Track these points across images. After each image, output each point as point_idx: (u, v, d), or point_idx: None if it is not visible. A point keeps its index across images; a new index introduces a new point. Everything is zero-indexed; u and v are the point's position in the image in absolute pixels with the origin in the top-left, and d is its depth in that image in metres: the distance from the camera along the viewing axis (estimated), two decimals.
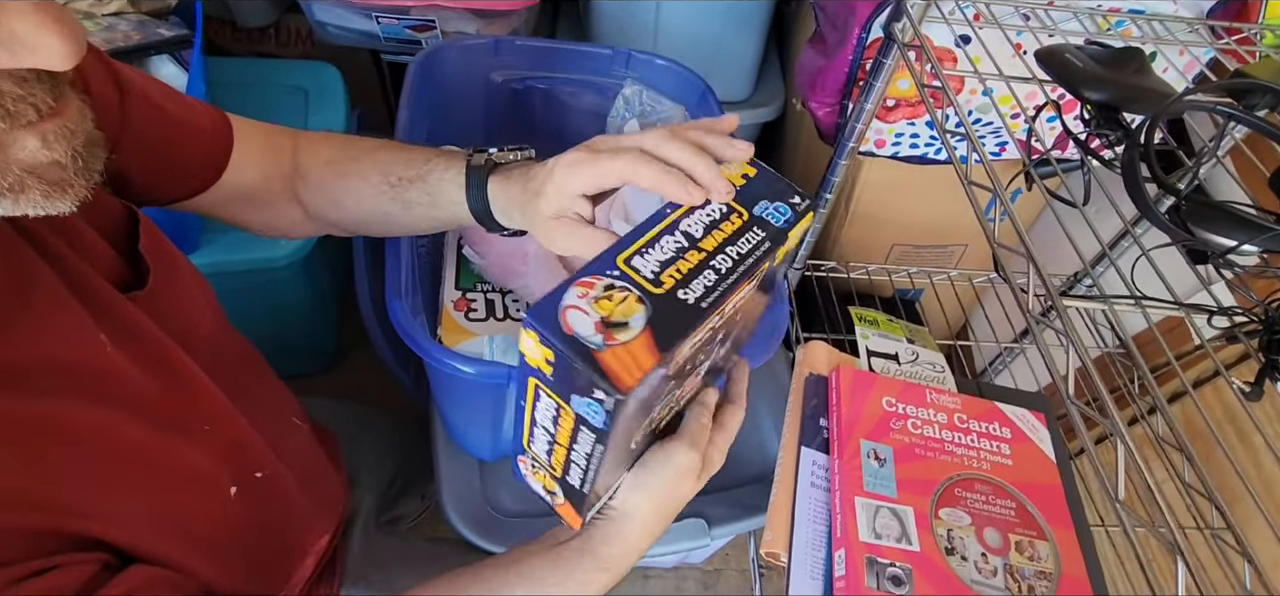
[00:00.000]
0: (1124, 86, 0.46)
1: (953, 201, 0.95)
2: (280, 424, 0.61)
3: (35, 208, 0.31)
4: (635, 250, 0.36)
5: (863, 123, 0.69)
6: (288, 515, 0.55)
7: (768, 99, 1.23)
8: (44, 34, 0.26)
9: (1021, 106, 0.53)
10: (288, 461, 0.55)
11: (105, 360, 0.39)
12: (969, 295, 1.06)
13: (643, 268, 0.35)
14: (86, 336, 0.38)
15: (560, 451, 0.38)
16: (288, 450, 0.57)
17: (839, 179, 0.76)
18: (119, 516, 0.37)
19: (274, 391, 0.63)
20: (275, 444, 0.54)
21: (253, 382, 0.59)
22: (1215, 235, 0.36)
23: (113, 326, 0.40)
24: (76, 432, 0.36)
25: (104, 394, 0.38)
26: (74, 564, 0.34)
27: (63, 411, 0.36)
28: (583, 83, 0.89)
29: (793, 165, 1.21)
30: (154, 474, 0.40)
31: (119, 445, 0.38)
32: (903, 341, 0.78)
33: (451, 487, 0.76)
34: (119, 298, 0.41)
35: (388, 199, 0.52)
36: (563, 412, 0.35)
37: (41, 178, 0.30)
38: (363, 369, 1.31)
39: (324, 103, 1.04)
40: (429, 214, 0.52)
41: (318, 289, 1.10)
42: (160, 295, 0.44)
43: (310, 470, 0.62)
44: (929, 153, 0.85)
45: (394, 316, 0.54)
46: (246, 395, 0.53)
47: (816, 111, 0.83)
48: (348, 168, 0.54)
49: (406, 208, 0.52)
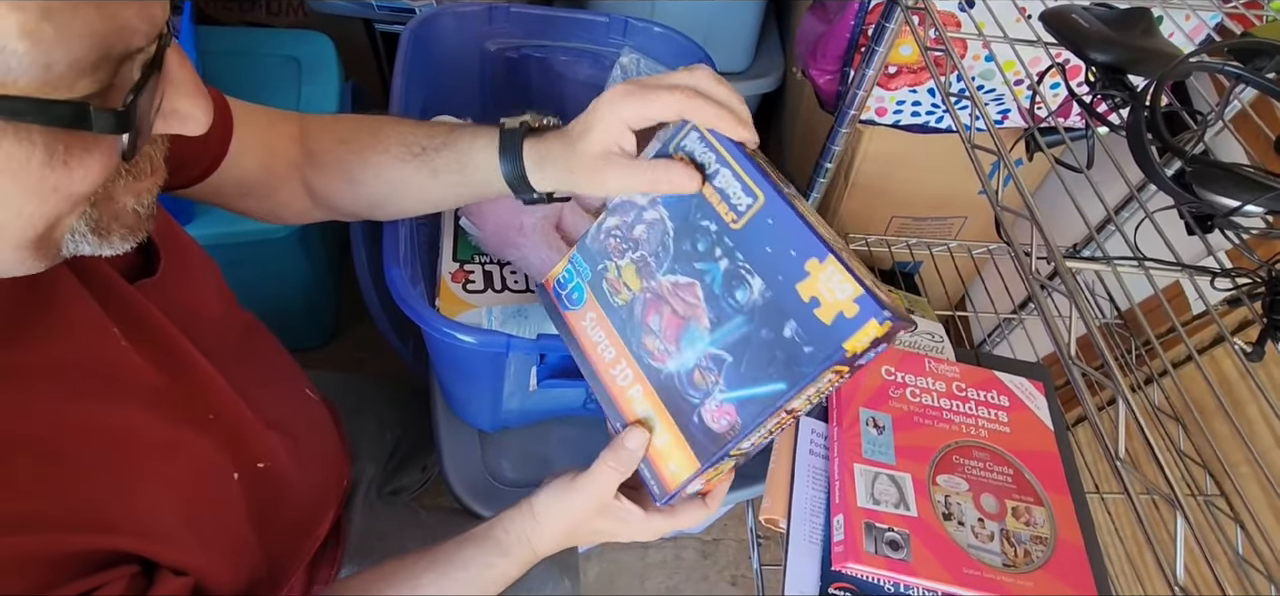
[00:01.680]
0: (1131, 48, 0.45)
1: (953, 173, 0.95)
2: (289, 399, 0.61)
3: (110, 250, 0.33)
4: None
5: (864, 89, 0.69)
6: (291, 498, 0.55)
7: (767, 69, 1.21)
8: (197, 109, 0.32)
9: (1026, 71, 0.52)
10: (294, 438, 0.55)
11: (119, 355, 0.38)
12: (968, 267, 1.05)
13: None
14: (101, 331, 0.38)
15: None
16: (295, 426, 0.57)
17: (839, 148, 0.75)
18: (142, 521, 0.37)
19: (283, 364, 0.63)
20: (282, 422, 0.54)
21: (261, 359, 0.58)
22: (1221, 196, 0.36)
23: (124, 318, 0.39)
24: (97, 437, 0.36)
25: (120, 392, 0.38)
26: (107, 582, 0.34)
27: (82, 415, 0.35)
28: (579, 51, 0.87)
29: (792, 137, 1.20)
30: (169, 468, 0.40)
31: (138, 444, 0.38)
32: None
33: (453, 458, 0.77)
34: (129, 288, 0.41)
35: (412, 167, 0.51)
36: None
37: (123, 224, 0.33)
38: (362, 343, 1.31)
39: (317, 73, 1.02)
40: (457, 178, 0.51)
41: (315, 262, 1.09)
42: (169, 281, 0.44)
43: (317, 445, 0.62)
44: (930, 121, 0.84)
45: (392, 284, 0.54)
46: (254, 375, 0.53)
47: (817, 79, 0.82)
48: (365, 143, 0.52)
49: (434, 174, 0.51)
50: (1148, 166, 0.40)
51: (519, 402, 0.73)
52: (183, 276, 0.46)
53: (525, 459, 0.78)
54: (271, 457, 0.51)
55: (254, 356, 0.57)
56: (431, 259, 0.79)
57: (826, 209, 1.05)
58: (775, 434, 0.46)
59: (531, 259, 0.74)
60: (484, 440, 0.78)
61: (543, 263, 0.71)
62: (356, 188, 0.53)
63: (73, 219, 0.30)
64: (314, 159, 0.53)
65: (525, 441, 0.79)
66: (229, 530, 0.45)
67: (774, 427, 0.43)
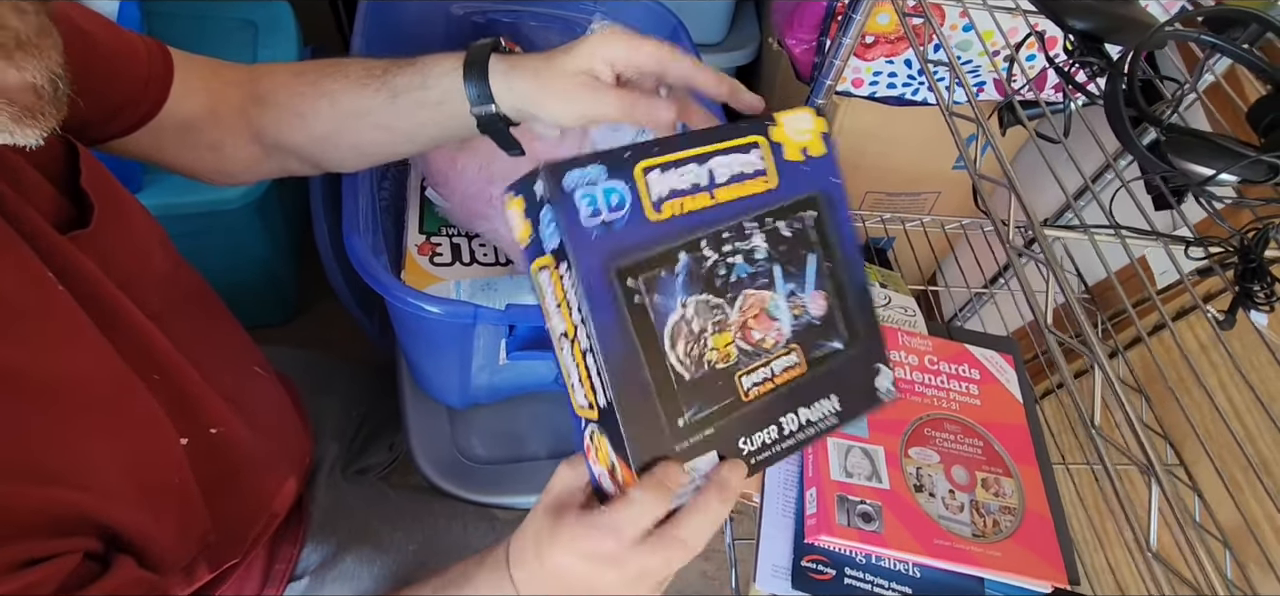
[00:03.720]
0: (1109, 16, 0.45)
1: (927, 148, 0.95)
2: (239, 372, 0.58)
3: (4, 135, 0.30)
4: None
5: (841, 58, 0.68)
6: (245, 470, 0.53)
7: (742, 41, 1.20)
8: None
9: (1005, 40, 0.52)
10: (247, 411, 0.53)
11: (55, 300, 0.37)
12: (940, 242, 1.06)
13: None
14: (35, 277, 0.36)
15: (576, 351, 0.34)
16: (247, 399, 0.55)
17: None
18: (82, 473, 0.35)
19: (232, 336, 0.60)
20: (233, 393, 0.52)
21: (209, 326, 0.56)
22: (1195, 165, 0.36)
23: (58, 269, 0.38)
24: (32, 383, 0.34)
25: (57, 339, 0.36)
26: (59, 553, 0.33)
27: (15, 360, 0.34)
28: (549, 17, 0.85)
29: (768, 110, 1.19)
30: (111, 420, 0.38)
31: (78, 393, 0.36)
32: (875, 286, 0.78)
33: (420, 435, 0.75)
34: (61, 240, 0.39)
35: (371, 91, 0.49)
36: (552, 276, 0.33)
37: (13, 102, 0.30)
38: (325, 319, 1.27)
39: (274, 38, 0.98)
40: (418, 98, 0.49)
41: (274, 234, 1.05)
42: (105, 234, 0.42)
43: (272, 421, 0.60)
44: (907, 93, 0.84)
45: (352, 253, 0.52)
46: (201, 340, 0.51)
47: (793, 48, 0.81)
48: (321, 73, 0.51)
49: (393, 96, 0.49)
50: (1124, 135, 0.39)
51: (488, 377, 0.71)
52: (119, 230, 0.44)
53: (496, 436, 0.77)
54: (225, 425, 0.49)
55: (205, 322, 0.55)
56: (397, 232, 0.76)
57: None
58: None
59: (502, 231, 0.72)
60: (453, 417, 0.77)
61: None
62: (308, 121, 0.51)
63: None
64: (264, 99, 0.51)
65: (496, 418, 0.78)
66: (176, 493, 0.44)
67: None
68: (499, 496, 0.73)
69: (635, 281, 0.33)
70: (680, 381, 0.34)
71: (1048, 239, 0.34)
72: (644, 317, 0.33)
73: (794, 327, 0.38)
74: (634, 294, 0.33)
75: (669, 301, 0.34)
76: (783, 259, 0.37)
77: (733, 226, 0.36)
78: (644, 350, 0.33)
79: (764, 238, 0.37)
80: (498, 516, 0.75)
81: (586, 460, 0.37)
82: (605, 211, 0.33)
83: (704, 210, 0.35)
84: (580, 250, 0.32)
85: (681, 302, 0.34)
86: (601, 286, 0.32)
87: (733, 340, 0.36)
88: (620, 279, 0.33)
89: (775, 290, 0.37)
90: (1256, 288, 0.34)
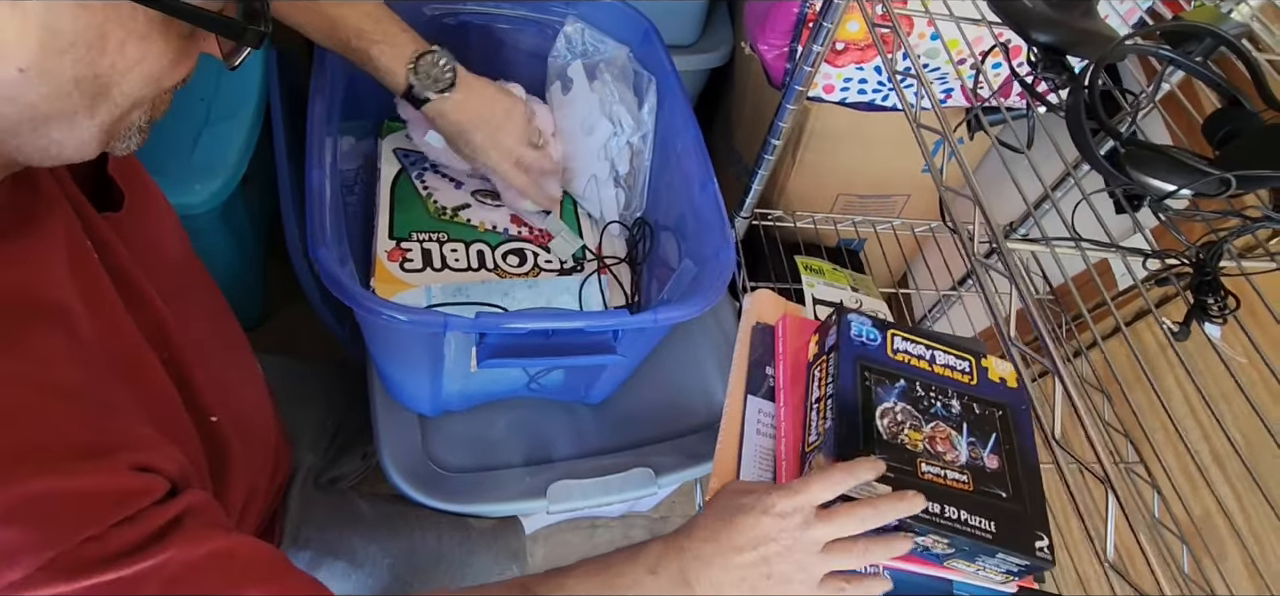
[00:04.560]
0: (1071, 29, 0.46)
1: (898, 152, 0.96)
2: (237, 370, 0.59)
3: (124, 149, 0.35)
4: None
5: (812, 65, 0.68)
6: (233, 467, 0.52)
7: (715, 44, 1.20)
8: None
9: (970, 50, 0.52)
10: (240, 409, 0.53)
11: (96, 274, 0.39)
12: (910, 244, 1.08)
13: None
14: (83, 251, 0.39)
15: (821, 407, 0.58)
16: (241, 398, 0.55)
17: (787, 125, 0.75)
18: (145, 432, 0.37)
19: (233, 334, 0.60)
20: (231, 389, 0.52)
21: (213, 319, 0.57)
22: (1154, 179, 0.36)
23: (99, 245, 0.40)
24: (112, 347, 0.37)
25: (96, 307, 0.38)
26: (142, 503, 0.34)
27: (79, 326, 0.35)
28: (521, 19, 0.84)
29: (738, 114, 1.19)
30: (138, 385, 0.40)
31: (114, 355, 0.38)
32: (847, 289, 0.79)
33: (391, 444, 0.73)
34: (98, 218, 0.41)
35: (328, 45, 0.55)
36: (822, 363, 0.61)
37: (139, 131, 0.35)
38: (296, 324, 1.25)
39: None
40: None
41: (240, 238, 1.03)
42: (133, 218, 0.44)
43: (260, 424, 0.60)
44: (877, 98, 0.85)
45: (321, 264, 0.51)
46: (207, 332, 0.52)
47: (765, 55, 0.81)
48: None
49: (344, 50, 0.57)
50: (1085, 149, 0.40)
51: (460, 385, 0.70)
52: (144, 215, 0.46)
53: (469, 443, 0.76)
54: (223, 415, 0.49)
55: (207, 312, 0.56)
56: (366, 238, 0.75)
57: (774, 186, 1.05)
58: None
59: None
60: (424, 425, 0.75)
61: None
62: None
63: (140, 112, 0.34)
64: None
65: (469, 425, 0.77)
66: (193, 454, 0.44)
67: None
68: (472, 504, 0.72)
69: (868, 376, 0.56)
70: (878, 437, 0.52)
71: (1010, 252, 0.35)
72: (867, 395, 0.54)
73: (970, 462, 0.53)
74: (866, 379, 0.55)
75: (885, 396, 0.55)
76: (970, 422, 0.55)
77: (940, 386, 0.57)
78: (862, 408, 0.53)
79: (959, 404, 0.56)
80: (472, 526, 0.75)
81: None
82: (865, 338, 0.58)
83: (922, 368, 0.58)
84: (845, 347, 0.57)
85: (894, 401, 0.55)
86: (850, 368, 0.56)
87: (923, 439, 0.53)
88: (860, 369, 0.56)
89: (961, 434, 0.54)
90: (1210, 301, 0.35)
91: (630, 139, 0.80)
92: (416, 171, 0.81)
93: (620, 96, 0.80)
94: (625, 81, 0.82)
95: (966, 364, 0.59)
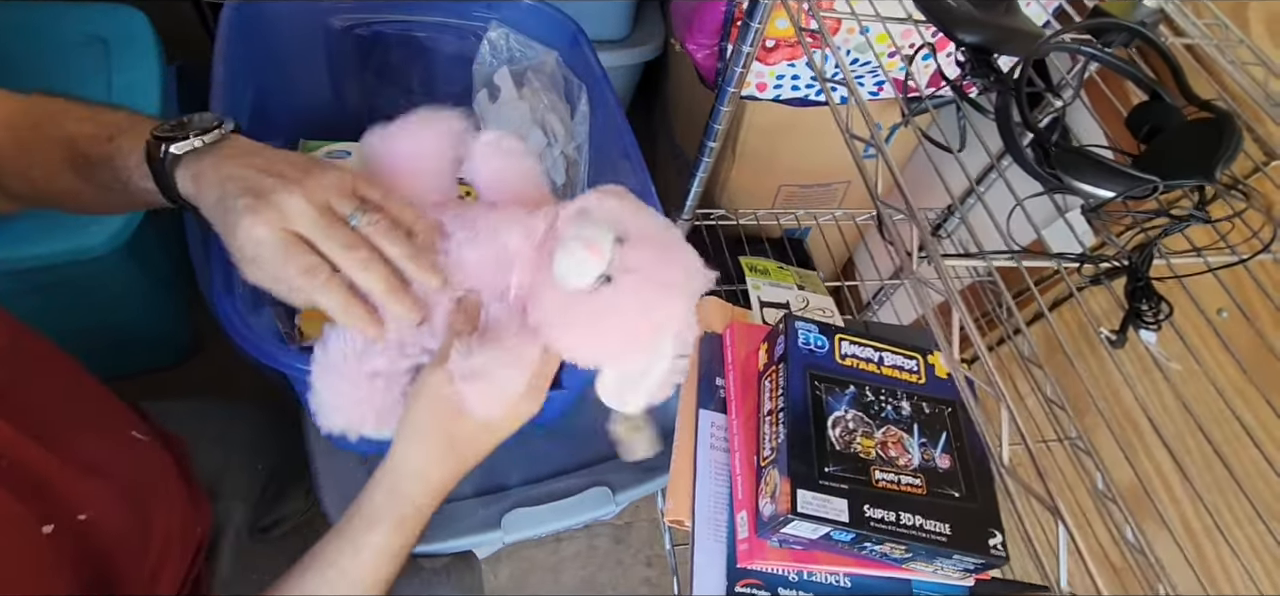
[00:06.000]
0: (996, 28, 0.45)
1: (836, 140, 0.95)
2: (111, 441, 0.52)
3: None
4: None
5: (742, 66, 0.67)
6: (129, 556, 0.48)
7: (646, 38, 1.17)
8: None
9: (897, 45, 0.52)
10: (123, 484, 0.48)
11: None
12: (852, 233, 1.08)
13: None
14: None
15: (773, 420, 0.57)
16: (122, 470, 0.49)
17: (722, 126, 0.73)
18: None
19: (97, 402, 0.54)
20: (104, 467, 0.46)
21: (65, 396, 0.50)
22: (1085, 184, 0.36)
23: None
24: None
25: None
26: None
27: None
28: (439, 26, 0.80)
29: (676, 108, 1.18)
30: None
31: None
32: (793, 288, 0.79)
33: (330, 485, 0.70)
34: None
35: (79, 179, 0.43)
36: (772, 373, 0.60)
37: None
38: (227, 355, 1.17)
39: (130, 55, 0.87)
40: (125, 200, 0.43)
41: (154, 274, 0.96)
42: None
43: (159, 491, 0.54)
44: (810, 95, 0.84)
45: (227, 321, 0.47)
46: (60, 415, 0.45)
47: (695, 54, 0.79)
48: (30, 137, 0.43)
49: (102, 190, 0.43)
50: (1016, 152, 0.40)
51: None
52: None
53: None
54: (95, 508, 0.44)
55: (58, 394, 0.49)
56: None
57: (716, 183, 1.03)
58: None
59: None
60: (369, 463, 0.72)
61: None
62: (35, 187, 0.44)
63: None
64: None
65: None
66: (41, 589, 0.38)
67: None
68: (425, 543, 0.69)
69: (818, 385, 0.55)
70: (831, 449, 0.52)
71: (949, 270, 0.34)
72: (818, 405, 0.54)
73: (922, 464, 0.53)
74: (816, 389, 0.55)
75: (836, 404, 0.55)
76: (920, 422, 0.56)
77: (889, 389, 0.57)
78: (813, 419, 0.53)
79: (909, 405, 0.56)
80: (423, 565, 0.72)
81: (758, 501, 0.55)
82: (813, 345, 0.58)
83: (870, 372, 0.57)
84: (794, 357, 0.56)
85: (845, 409, 0.54)
86: (799, 378, 0.55)
87: (875, 445, 0.53)
88: (809, 378, 0.55)
89: (912, 436, 0.55)
90: (1144, 306, 0.35)
91: (565, 149, 0.77)
92: None
93: (552, 105, 0.77)
94: (556, 89, 0.79)
95: (914, 362, 0.59)
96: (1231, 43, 0.58)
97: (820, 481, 0.50)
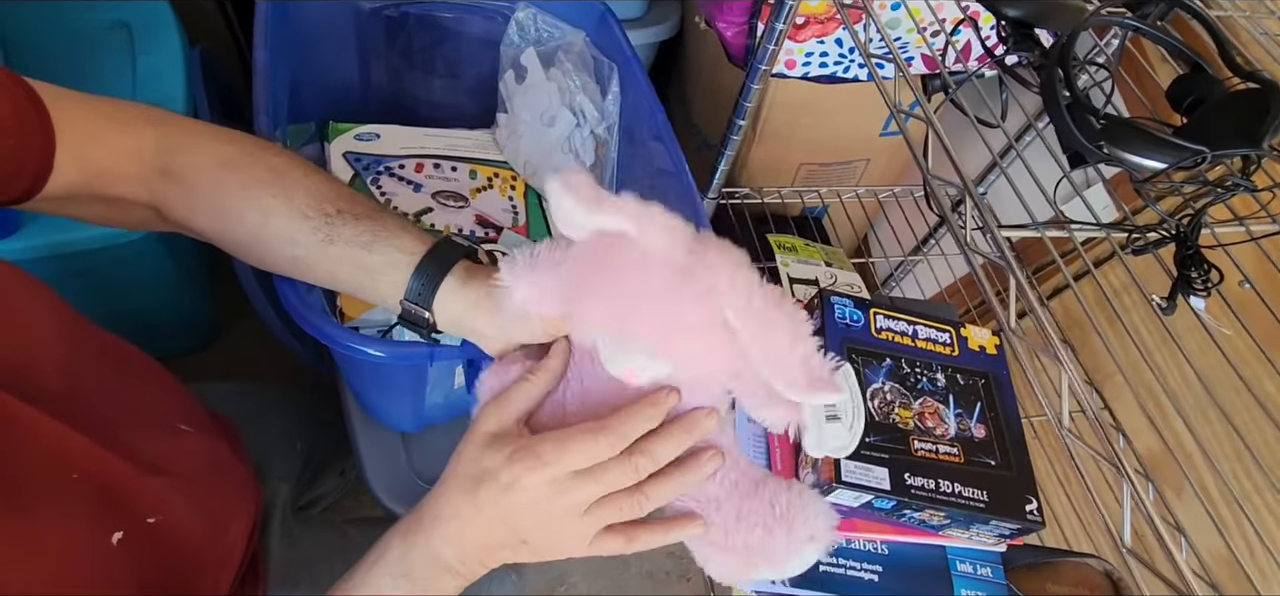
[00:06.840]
0: (1039, 2, 0.46)
1: (857, 118, 0.96)
2: (168, 436, 0.53)
3: None
4: None
5: (775, 42, 0.67)
6: (195, 552, 0.48)
7: (663, 16, 1.17)
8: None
9: (935, 19, 0.52)
10: (184, 479, 0.48)
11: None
12: (872, 207, 1.09)
13: None
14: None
15: None
16: (182, 465, 0.50)
17: (751, 104, 0.74)
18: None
19: (156, 395, 0.55)
20: (166, 464, 0.47)
21: (126, 391, 0.50)
22: (1134, 156, 0.37)
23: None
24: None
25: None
26: None
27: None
28: (466, 6, 0.80)
29: (695, 87, 1.18)
30: (19, 572, 0.34)
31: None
32: (821, 265, 0.80)
33: (374, 464, 0.71)
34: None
35: (310, 228, 0.44)
36: None
37: None
38: (252, 339, 1.19)
39: (153, 41, 0.88)
40: (357, 258, 0.44)
41: (181, 261, 0.97)
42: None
43: (213, 482, 0.55)
44: (838, 71, 0.84)
45: (286, 301, 0.48)
46: (126, 414, 0.46)
47: (724, 32, 0.80)
48: (253, 181, 0.44)
49: (331, 242, 0.44)
50: (1062, 126, 0.41)
51: (443, 397, 0.68)
52: (4, 320, 0.39)
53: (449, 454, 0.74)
54: (163, 509, 0.45)
55: (121, 392, 0.49)
56: None
57: (739, 162, 1.04)
58: None
59: None
60: (407, 440, 0.73)
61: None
62: (227, 223, 0.45)
63: None
64: (176, 177, 0.45)
65: (452, 437, 0.73)
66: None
67: None
68: None
69: (856, 358, 0.56)
70: (870, 419, 0.53)
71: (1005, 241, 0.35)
72: (857, 378, 0.54)
73: (958, 433, 0.55)
74: (854, 361, 0.56)
75: (873, 376, 0.56)
76: (955, 393, 0.57)
77: (925, 361, 0.58)
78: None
79: (944, 377, 0.58)
80: None
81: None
82: (848, 320, 0.58)
83: (906, 345, 0.58)
84: (831, 331, 0.57)
85: (883, 381, 0.55)
86: (837, 351, 0.55)
87: (913, 416, 0.55)
88: (847, 351, 0.56)
89: (948, 406, 0.56)
90: (1194, 274, 0.37)
91: (595, 130, 0.78)
92: (371, 176, 0.77)
93: (583, 86, 0.78)
94: (586, 69, 0.79)
95: (947, 336, 0.60)
96: (1262, 15, 0.58)
97: (861, 451, 0.51)
